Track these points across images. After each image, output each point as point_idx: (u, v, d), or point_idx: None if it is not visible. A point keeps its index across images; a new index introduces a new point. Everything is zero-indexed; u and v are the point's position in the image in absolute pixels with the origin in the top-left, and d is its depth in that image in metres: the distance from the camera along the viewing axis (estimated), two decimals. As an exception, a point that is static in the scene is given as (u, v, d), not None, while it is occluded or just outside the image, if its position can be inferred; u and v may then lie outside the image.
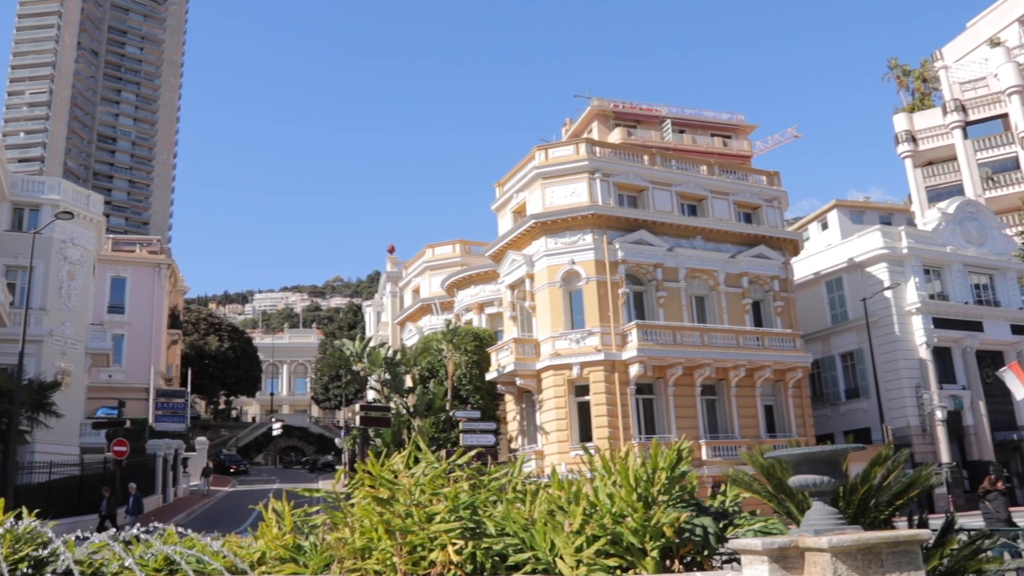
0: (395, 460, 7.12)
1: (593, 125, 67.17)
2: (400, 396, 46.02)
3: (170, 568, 6.84)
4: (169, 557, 6.84)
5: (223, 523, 30.93)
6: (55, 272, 43.65)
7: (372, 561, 6.47)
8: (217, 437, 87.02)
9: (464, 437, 36.65)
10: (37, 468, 36.24)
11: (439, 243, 63.06)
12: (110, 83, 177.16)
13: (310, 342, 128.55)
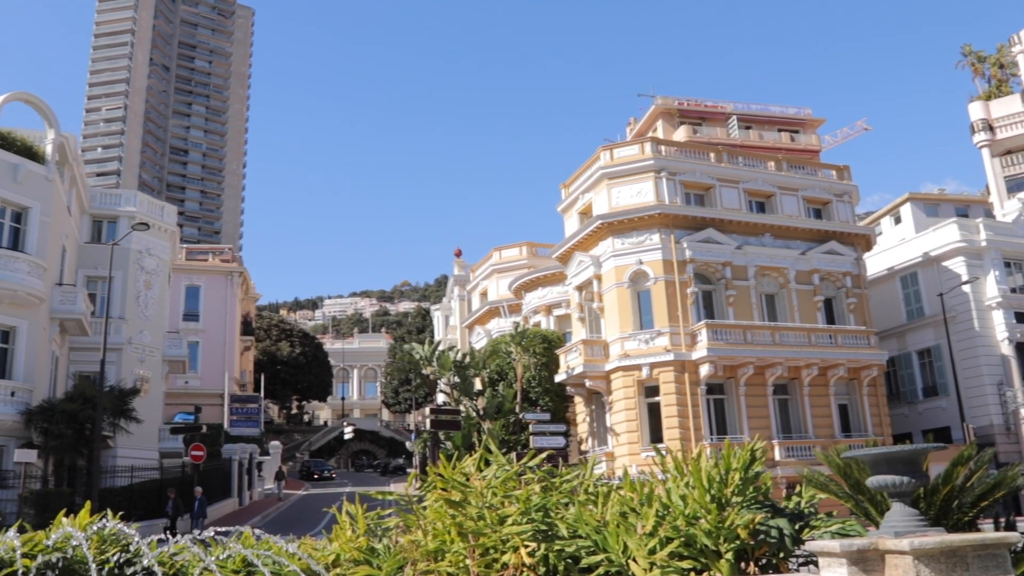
0: (466, 463, 7.14)
1: (658, 124, 66.69)
2: (470, 399, 46.22)
3: (248, 570, 6.96)
4: (247, 559, 6.95)
5: (297, 526, 31.43)
6: (133, 282, 44.87)
7: (445, 563, 6.50)
8: (290, 441, 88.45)
9: (534, 439, 36.66)
10: (120, 472, 37.29)
11: (506, 246, 63.23)
12: (181, 97, 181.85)
13: (379, 346, 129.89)
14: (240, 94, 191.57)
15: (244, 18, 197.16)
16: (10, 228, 35.31)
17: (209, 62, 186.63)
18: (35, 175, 36.05)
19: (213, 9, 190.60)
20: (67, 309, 38.10)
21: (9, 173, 35.04)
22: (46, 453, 33.61)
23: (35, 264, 34.90)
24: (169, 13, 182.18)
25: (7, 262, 33.83)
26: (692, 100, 68.85)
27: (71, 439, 33.23)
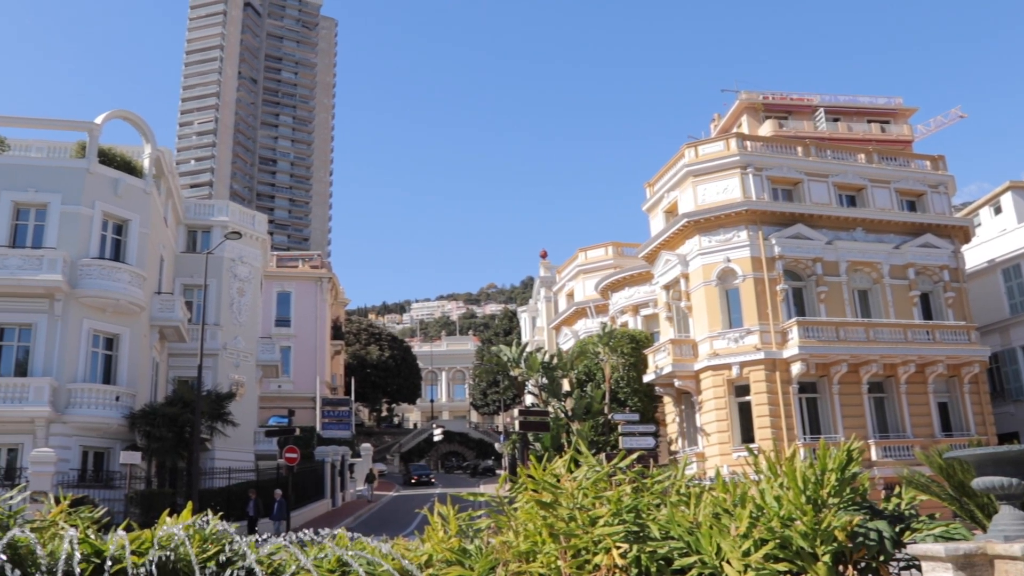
0: (557, 464, 7.14)
1: (742, 119, 65.67)
2: (558, 400, 46.20)
3: (343, 570, 7.08)
4: (341, 559, 7.08)
5: (389, 527, 31.85)
6: (227, 289, 46.15)
7: (537, 564, 6.50)
8: (381, 444, 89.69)
9: (623, 440, 36.45)
10: (218, 473, 38.36)
11: (591, 246, 63.06)
12: (269, 108, 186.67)
13: (467, 349, 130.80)
14: (325, 103, 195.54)
15: (327, 29, 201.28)
16: (112, 240, 36.68)
17: (295, 73, 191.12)
18: (134, 188, 37.38)
19: (297, 22, 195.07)
20: (166, 317, 39.39)
21: (110, 187, 36.42)
22: (149, 455, 34.80)
23: (136, 274, 36.17)
24: (256, 28, 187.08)
25: (110, 272, 35.14)
26: (777, 94, 67.59)
27: (172, 442, 34.34)
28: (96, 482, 33.10)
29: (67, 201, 35.24)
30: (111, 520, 8.67)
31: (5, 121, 37.96)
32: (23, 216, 35.40)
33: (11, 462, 32.55)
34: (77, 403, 33.28)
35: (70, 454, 32.56)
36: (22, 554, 6.11)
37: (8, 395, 32.22)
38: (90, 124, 36.70)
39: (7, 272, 33.22)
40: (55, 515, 7.37)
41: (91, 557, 6.34)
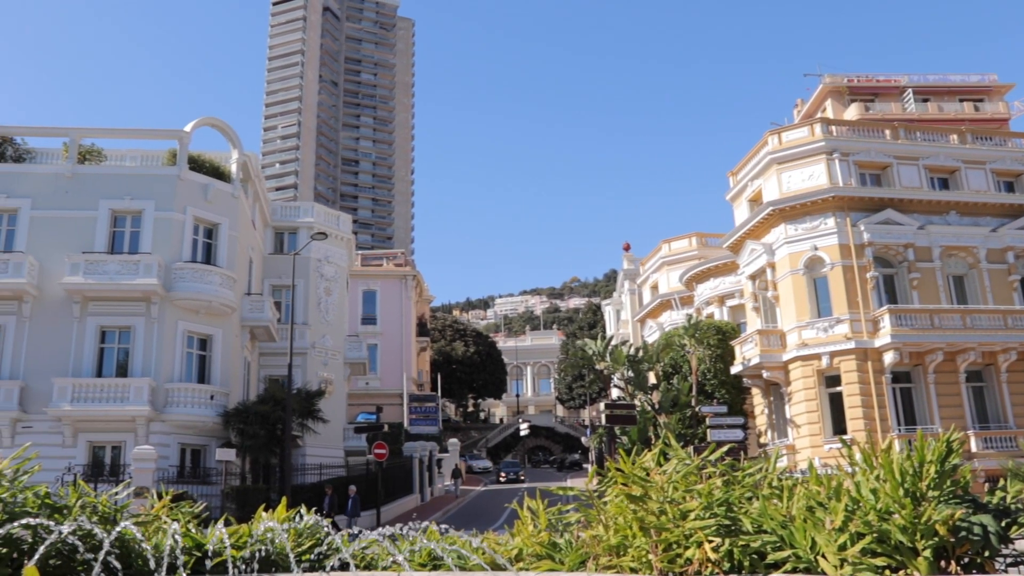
0: (646, 457, 7.09)
1: (827, 103, 64.12)
2: (644, 393, 45.93)
3: (434, 563, 7.15)
4: (433, 552, 7.15)
5: (477, 521, 32.07)
6: (314, 289, 47.10)
7: (627, 558, 6.46)
8: (467, 439, 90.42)
9: (711, 432, 36.09)
10: (309, 469, 39.19)
11: (675, 237, 62.47)
12: (350, 110, 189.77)
13: (551, 343, 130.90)
14: (405, 103, 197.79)
15: (405, 29, 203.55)
16: (203, 244, 37.76)
17: (374, 74, 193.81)
18: (223, 193, 38.41)
19: (375, 24, 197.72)
20: (256, 317, 40.38)
21: (200, 193, 37.50)
22: (243, 452, 35.75)
23: (226, 276, 37.17)
24: (335, 31, 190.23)
25: (202, 275, 36.19)
26: (862, 76, 65.76)
27: (264, 439, 35.21)
28: (194, 478, 34.17)
29: (160, 207, 36.44)
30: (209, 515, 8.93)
31: (101, 133, 39.40)
32: (120, 223, 36.73)
33: (115, 459, 33.85)
34: (174, 402, 34.39)
35: (169, 451, 33.69)
36: (129, 547, 6.34)
37: (111, 395, 33.50)
38: (180, 132, 37.82)
39: (107, 277, 34.53)
40: (158, 510, 7.62)
41: (192, 550, 6.55)
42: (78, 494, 7.15)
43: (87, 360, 34.65)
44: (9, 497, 6.61)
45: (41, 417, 33.35)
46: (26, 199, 36.32)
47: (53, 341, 34.57)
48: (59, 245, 35.32)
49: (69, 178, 36.69)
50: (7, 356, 34.59)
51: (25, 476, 6.99)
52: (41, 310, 34.97)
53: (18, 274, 34.29)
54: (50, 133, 39.48)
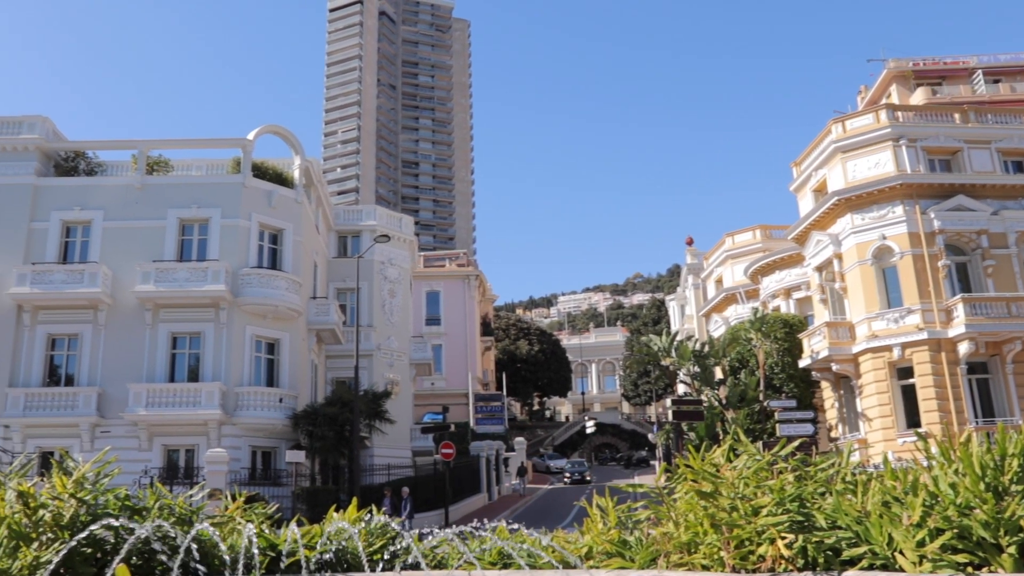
0: (715, 453, 7.01)
1: (891, 89, 62.64)
2: (711, 389, 45.43)
3: (504, 562, 7.17)
4: (503, 551, 7.16)
5: (545, 519, 32.09)
6: (378, 291, 47.59)
7: (699, 556, 6.40)
8: (533, 437, 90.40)
9: (780, 427, 35.57)
10: (377, 470, 39.60)
11: (738, 231, 61.70)
12: (408, 113, 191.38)
13: (616, 340, 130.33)
14: (463, 103, 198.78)
15: (460, 30, 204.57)
16: (268, 249, 38.42)
17: (431, 76, 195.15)
18: (286, 199, 39.02)
19: (431, 26, 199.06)
20: (322, 320, 40.94)
21: (264, 199, 38.15)
22: (312, 453, 36.26)
23: (292, 281, 37.75)
24: (391, 35, 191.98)
25: (268, 280, 36.81)
26: (928, 59, 64.06)
27: (333, 440, 35.67)
28: (265, 480, 34.78)
29: (226, 215, 37.18)
30: (281, 516, 9.08)
31: (167, 144, 40.33)
32: (188, 231, 37.58)
33: (188, 461, 34.66)
34: (244, 405, 35.05)
35: (240, 453, 34.34)
36: (206, 548, 6.48)
37: (184, 400, 34.29)
38: (243, 141, 38.52)
39: (176, 284, 35.35)
40: (232, 511, 7.77)
41: (267, 550, 6.67)
42: (156, 496, 7.32)
43: (160, 366, 35.52)
44: (92, 499, 6.81)
45: (118, 422, 34.29)
46: (99, 211, 37.42)
47: (127, 348, 35.52)
48: (130, 254, 36.29)
49: (139, 189, 37.65)
50: (85, 363, 35.69)
51: (106, 479, 7.18)
52: (115, 318, 35.97)
53: (93, 284, 35.32)
54: (119, 146, 40.57)
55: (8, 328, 35.77)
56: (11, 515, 6.56)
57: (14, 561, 6.24)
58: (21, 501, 6.64)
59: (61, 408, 34.66)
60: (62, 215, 37.48)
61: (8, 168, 37.81)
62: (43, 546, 6.39)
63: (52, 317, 36.11)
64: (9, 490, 6.78)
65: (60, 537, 6.41)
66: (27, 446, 33.74)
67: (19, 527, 6.49)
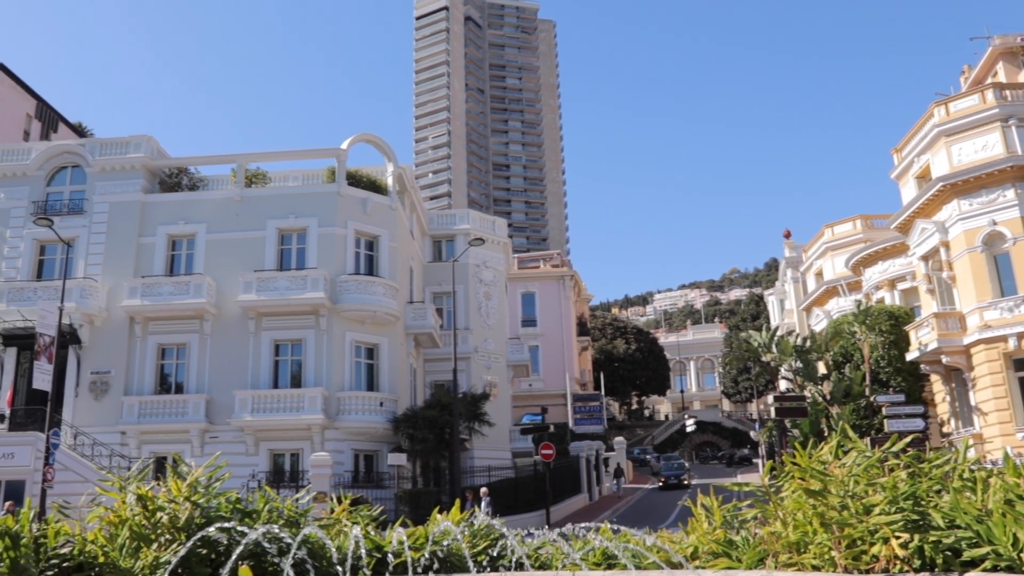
0: (823, 450, 6.82)
1: (998, 67, 60.02)
2: (814, 384, 44.37)
3: (608, 562, 7.12)
4: (607, 551, 7.12)
5: (647, 520, 31.83)
6: (473, 294, 47.96)
7: (809, 555, 6.23)
8: (633, 437, 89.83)
9: (889, 423, 34.55)
10: (477, 471, 39.86)
11: (837, 221, 60.07)
12: (497, 115, 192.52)
13: (714, 337, 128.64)
14: (551, 104, 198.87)
15: (546, 31, 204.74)
16: (365, 256, 39.11)
17: (519, 79, 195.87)
18: (381, 206, 39.65)
19: (517, 28, 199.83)
20: (419, 324, 41.47)
21: (360, 207, 38.86)
22: (413, 456, 36.75)
23: (389, 286, 38.34)
24: (477, 39, 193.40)
25: (366, 286, 37.47)
26: (1039, 32, 61.21)
27: (433, 443, 36.08)
28: (368, 482, 35.39)
29: (323, 223, 38.02)
30: (386, 518, 9.21)
31: (264, 156, 41.48)
32: (287, 241, 38.55)
33: (294, 465, 35.53)
34: (346, 410, 35.73)
35: (343, 457, 35.04)
36: (314, 549, 6.63)
37: (288, 405, 35.17)
38: (337, 150, 39.31)
39: (277, 293, 36.30)
40: (338, 513, 7.93)
41: (373, 552, 6.77)
42: (265, 499, 7.52)
43: (264, 372, 36.53)
44: (205, 502, 7.04)
45: (226, 427, 35.40)
46: (202, 224, 38.74)
47: (232, 355, 36.66)
48: (233, 265, 37.45)
49: (238, 202, 38.80)
50: (193, 371, 36.98)
51: (217, 483, 7.41)
52: (220, 327, 37.17)
53: (199, 294, 36.58)
54: (219, 161, 41.89)
55: (122, 339, 37.34)
56: (132, 517, 6.84)
57: (136, 561, 6.50)
58: (140, 504, 6.91)
59: (172, 415, 36.00)
60: (168, 229, 38.93)
61: (117, 187, 39.50)
62: (162, 547, 6.64)
63: (161, 328, 37.52)
64: (129, 494, 7.07)
65: (177, 538, 6.66)
66: (142, 451, 35.15)
67: (140, 529, 6.76)
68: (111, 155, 39.92)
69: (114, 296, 37.64)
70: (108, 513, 7.07)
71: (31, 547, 6.42)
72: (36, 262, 39.52)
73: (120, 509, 7.02)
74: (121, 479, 7.57)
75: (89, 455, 33.93)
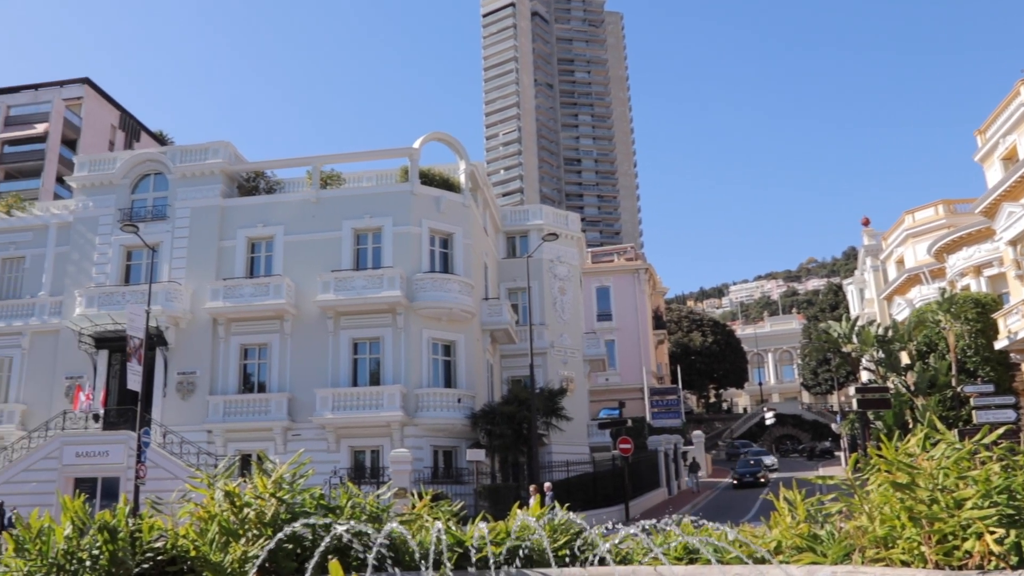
0: (909, 443, 6.65)
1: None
2: (897, 375, 43.29)
3: (690, 557, 7.08)
4: (688, 546, 7.07)
5: (727, 514, 31.37)
6: (548, 289, 47.96)
7: (897, 551, 6.10)
8: (711, 430, 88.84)
9: (978, 414, 33.47)
10: (556, 466, 39.88)
11: (918, 207, 58.48)
12: (567, 110, 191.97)
13: (792, 328, 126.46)
14: (621, 97, 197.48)
15: (614, 23, 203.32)
16: (440, 254, 39.41)
17: (588, 72, 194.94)
18: (454, 204, 39.90)
19: (584, 22, 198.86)
20: (495, 321, 41.64)
21: (433, 205, 39.17)
22: (491, 452, 36.92)
23: (464, 283, 38.57)
24: (545, 35, 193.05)
25: (441, 284, 37.76)
26: None
27: (511, 438, 36.19)
28: (447, 478, 35.68)
29: (398, 222, 38.44)
30: (466, 513, 9.29)
31: (338, 158, 42.05)
32: (362, 240, 39.08)
33: (374, 462, 36.02)
34: (424, 407, 36.08)
35: (423, 453, 35.39)
36: (397, 544, 6.73)
37: (367, 403, 35.67)
38: (410, 150, 39.68)
39: (354, 292, 36.83)
40: (419, 509, 8.04)
41: (454, 547, 6.85)
42: (348, 496, 7.66)
43: (343, 370, 37.11)
44: (290, 499, 7.21)
45: (307, 425, 36.06)
46: (279, 226, 39.52)
47: (312, 354, 37.33)
48: (310, 265, 38.14)
49: (315, 203, 39.45)
50: (274, 370, 37.77)
51: (301, 479, 7.57)
52: (299, 327, 37.88)
53: (278, 295, 37.33)
54: (294, 164, 42.65)
55: (207, 340, 38.33)
56: (220, 513, 7.03)
57: (225, 555, 6.68)
58: (228, 500, 7.10)
59: (256, 413, 36.82)
60: (247, 232, 39.80)
61: (198, 192, 40.56)
62: (249, 542, 6.81)
63: (243, 328, 38.39)
64: (217, 490, 7.26)
65: (264, 534, 6.82)
66: (227, 449, 36.05)
67: (228, 524, 6.95)
68: (191, 161, 41.01)
69: (197, 298, 38.68)
70: (198, 509, 7.29)
71: (127, 541, 6.65)
72: (123, 267, 40.86)
73: (209, 505, 7.22)
74: (209, 476, 7.78)
75: (178, 453, 34.94)
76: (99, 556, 6.51)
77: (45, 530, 6.70)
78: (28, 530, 6.74)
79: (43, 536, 6.65)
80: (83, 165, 43.04)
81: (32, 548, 6.62)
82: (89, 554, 6.55)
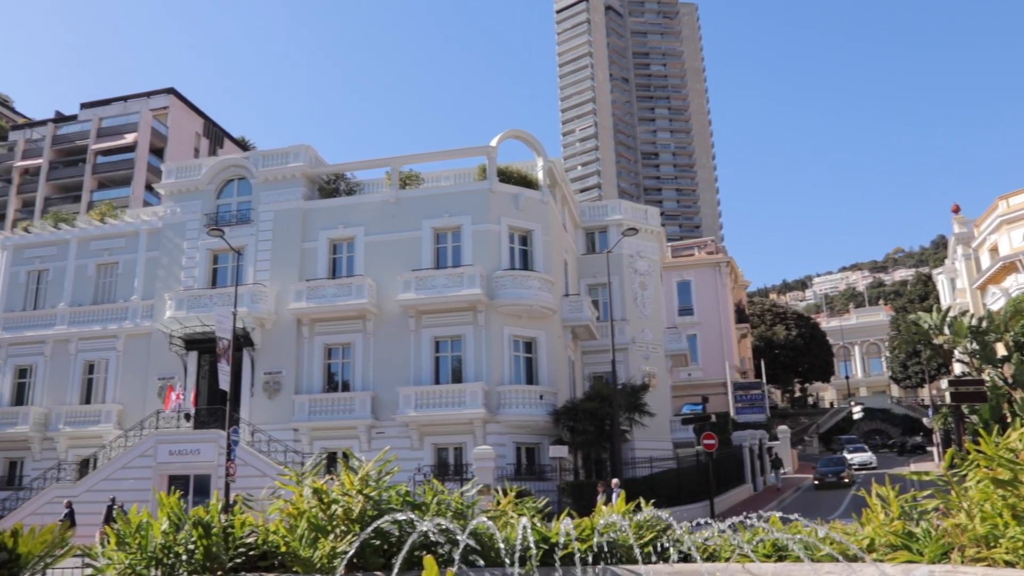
0: (1011, 438, 6.40)
1: None
2: (993, 367, 41.79)
3: (779, 554, 6.94)
4: (777, 543, 6.94)
5: (816, 510, 30.70)
6: (629, 285, 47.66)
7: (1000, 550, 5.87)
8: (797, 425, 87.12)
9: (1079, 406, 32.14)
10: (639, 463, 39.60)
11: (1013, 192, 56.40)
12: (643, 104, 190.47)
13: (879, 320, 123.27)
14: (698, 89, 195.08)
15: (688, 15, 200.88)
16: (519, 251, 39.47)
17: (663, 65, 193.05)
18: (533, 200, 39.91)
19: (658, 14, 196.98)
20: (575, 317, 41.55)
21: (512, 203, 39.24)
22: (574, 448, 36.83)
23: (544, 280, 38.55)
24: (619, 28, 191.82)
25: (521, 281, 37.81)
26: None
27: (593, 434, 36.03)
28: (530, 475, 35.72)
29: (476, 221, 38.63)
30: (551, 509, 9.28)
31: (416, 158, 42.44)
32: (441, 239, 39.39)
33: (457, 459, 36.27)
34: (506, 403, 36.19)
35: (505, 450, 35.49)
36: (483, 540, 6.75)
37: (450, 400, 35.94)
38: (487, 148, 39.81)
39: (435, 291, 37.14)
40: (504, 505, 8.05)
41: (540, 543, 6.84)
42: (433, 492, 7.72)
43: (425, 369, 37.47)
44: (377, 495, 7.30)
45: (391, 423, 36.52)
46: (360, 227, 40.10)
47: (394, 353, 37.79)
48: (391, 265, 38.61)
49: (394, 203, 39.91)
50: (358, 369, 38.34)
51: (387, 477, 7.66)
52: (381, 326, 38.38)
53: (360, 295, 37.88)
54: (373, 165, 43.20)
55: (291, 341, 39.11)
56: (309, 510, 7.16)
57: (314, 551, 6.80)
58: (316, 497, 7.22)
59: (340, 412, 37.42)
60: (328, 234, 40.47)
61: (281, 195, 41.41)
62: (338, 538, 6.91)
63: (327, 328, 39.05)
64: (306, 487, 7.40)
65: (351, 530, 6.92)
66: (314, 447, 36.73)
67: (316, 520, 7.08)
68: (272, 166, 41.92)
69: (282, 300, 39.49)
70: (287, 506, 7.43)
71: (221, 536, 6.82)
72: (210, 270, 41.97)
73: (298, 502, 7.36)
74: (297, 474, 7.93)
75: (266, 451, 35.75)
76: (194, 551, 6.70)
77: (143, 525, 6.92)
78: (128, 525, 6.98)
79: (142, 531, 6.88)
80: (170, 172, 44.40)
81: (132, 542, 6.85)
82: (185, 548, 6.75)
